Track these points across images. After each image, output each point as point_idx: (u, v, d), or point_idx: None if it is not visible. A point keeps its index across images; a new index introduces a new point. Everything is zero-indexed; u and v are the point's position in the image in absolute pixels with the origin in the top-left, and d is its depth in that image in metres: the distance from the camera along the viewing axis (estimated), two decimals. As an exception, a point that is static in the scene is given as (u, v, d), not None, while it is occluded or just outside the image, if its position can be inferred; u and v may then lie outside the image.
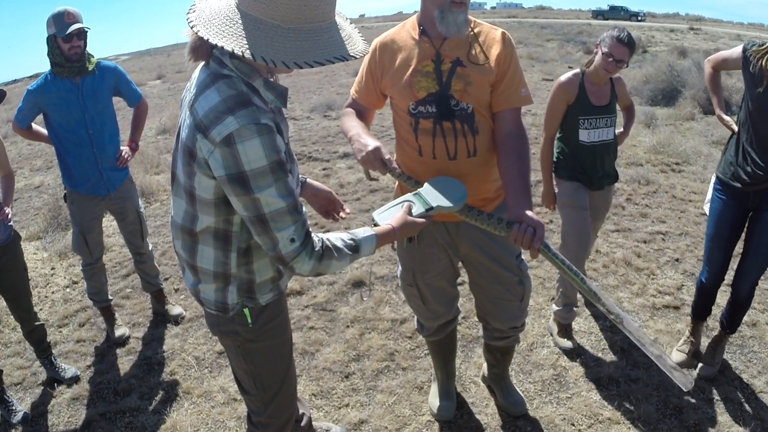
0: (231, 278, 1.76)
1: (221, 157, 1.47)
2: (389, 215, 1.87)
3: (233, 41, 1.41)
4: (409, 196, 1.94)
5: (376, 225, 1.86)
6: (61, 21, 3.06)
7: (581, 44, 21.87)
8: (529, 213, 1.88)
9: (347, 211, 2.23)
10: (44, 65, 3.22)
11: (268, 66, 1.44)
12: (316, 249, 1.62)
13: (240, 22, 1.44)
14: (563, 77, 3.15)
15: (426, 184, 1.99)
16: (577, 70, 3.14)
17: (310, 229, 1.64)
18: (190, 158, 1.56)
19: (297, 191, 1.75)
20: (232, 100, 1.47)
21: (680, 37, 27.35)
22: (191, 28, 1.46)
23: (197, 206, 1.64)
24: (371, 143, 2.02)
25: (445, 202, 1.91)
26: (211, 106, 1.48)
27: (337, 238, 1.68)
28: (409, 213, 1.89)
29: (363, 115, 2.33)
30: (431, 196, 1.93)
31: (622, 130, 3.49)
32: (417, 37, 2.15)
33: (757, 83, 2.64)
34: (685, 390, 1.86)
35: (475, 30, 2.15)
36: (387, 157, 2.00)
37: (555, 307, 3.40)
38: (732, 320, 3.06)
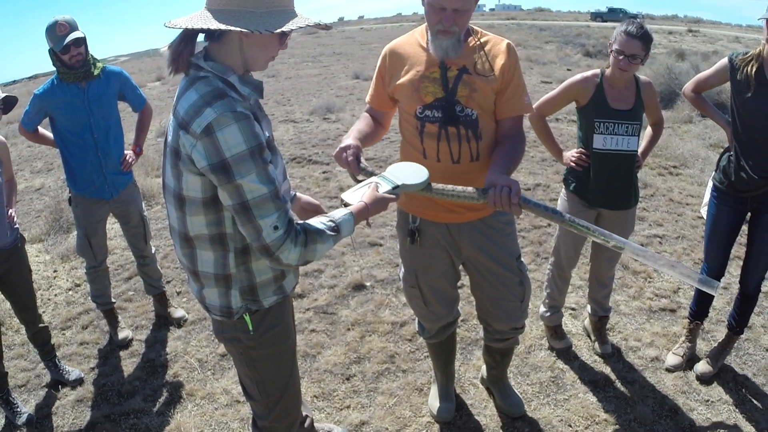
0: (232, 280, 1.80)
1: (203, 148, 1.54)
2: (360, 195, 1.93)
3: (215, 24, 1.55)
4: (374, 178, 2.01)
5: (345, 205, 1.90)
6: (54, 34, 3.09)
7: (580, 46, 21.93)
8: (501, 176, 1.94)
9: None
10: (43, 66, 3.27)
11: (257, 36, 1.58)
12: (300, 235, 1.65)
13: (214, 17, 1.58)
14: (579, 75, 2.96)
15: (389, 168, 2.05)
16: (597, 71, 2.92)
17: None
18: (176, 158, 1.64)
19: (285, 184, 1.85)
20: (209, 95, 1.57)
21: (679, 39, 27.43)
22: (175, 27, 1.59)
23: (186, 209, 1.70)
24: (346, 141, 2.11)
25: (409, 181, 1.98)
26: (190, 104, 1.58)
27: (317, 221, 1.72)
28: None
29: (377, 119, 2.43)
30: (396, 176, 2.00)
31: (642, 148, 3.11)
32: (425, 45, 2.23)
33: (744, 89, 2.73)
34: (713, 294, 1.87)
35: (482, 40, 2.23)
36: (350, 158, 2.04)
37: (542, 309, 3.44)
38: (740, 317, 3.12)
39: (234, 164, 1.54)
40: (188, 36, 1.65)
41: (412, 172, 2.02)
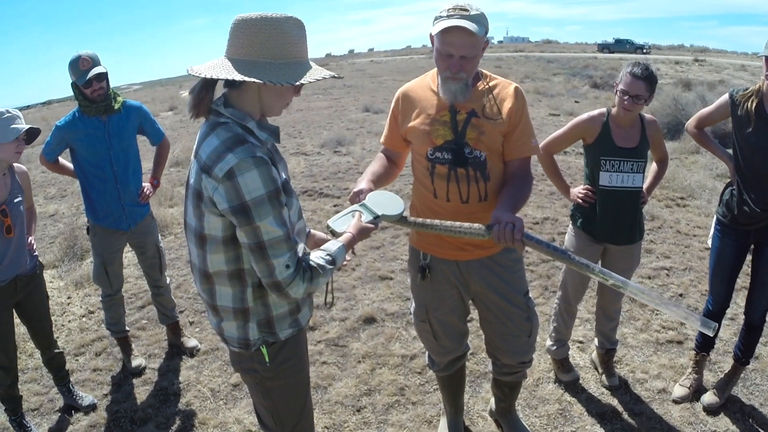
0: (250, 313, 1.88)
1: (224, 191, 1.64)
2: (344, 223, 2.05)
3: (238, 75, 1.65)
4: (355, 206, 2.12)
5: (332, 231, 2.03)
6: (77, 69, 3.21)
7: (587, 78, 22.14)
8: (506, 213, 2.01)
9: (348, 258, 2.32)
10: (56, 92, 3.35)
11: (275, 86, 1.68)
12: (307, 272, 1.76)
13: (234, 67, 1.68)
14: (586, 114, 3.05)
15: (369, 196, 2.15)
16: (603, 110, 3.01)
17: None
18: (198, 200, 1.73)
19: (300, 223, 1.95)
20: (230, 141, 1.67)
21: (685, 69, 27.61)
22: (198, 74, 1.69)
23: (207, 247, 1.79)
24: (360, 185, 2.22)
25: (388, 211, 2.10)
26: (212, 149, 1.68)
27: (317, 257, 1.82)
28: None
29: (392, 159, 2.55)
30: (375, 206, 2.11)
31: (647, 184, 3.16)
32: (435, 89, 2.32)
33: (745, 125, 2.81)
34: (711, 334, 1.90)
35: (490, 84, 2.32)
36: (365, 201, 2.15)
37: (548, 343, 3.48)
38: (746, 348, 3.15)
39: (254, 207, 1.64)
40: (209, 83, 1.76)
41: (389, 203, 2.13)
